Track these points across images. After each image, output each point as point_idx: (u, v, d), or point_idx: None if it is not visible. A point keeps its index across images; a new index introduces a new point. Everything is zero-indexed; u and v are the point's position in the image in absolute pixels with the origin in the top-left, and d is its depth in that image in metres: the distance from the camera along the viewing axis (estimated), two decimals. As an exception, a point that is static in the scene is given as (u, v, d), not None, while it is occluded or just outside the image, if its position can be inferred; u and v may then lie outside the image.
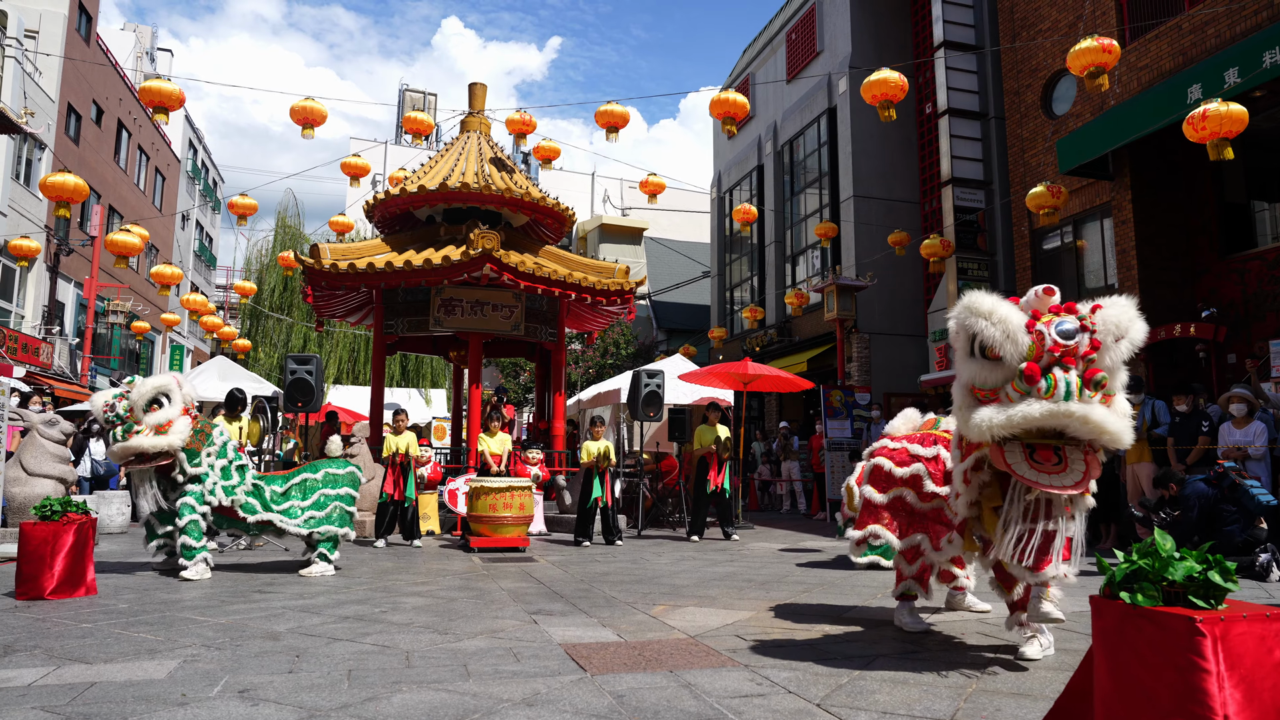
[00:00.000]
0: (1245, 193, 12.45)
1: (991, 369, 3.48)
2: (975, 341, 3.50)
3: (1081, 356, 3.42)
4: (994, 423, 3.42)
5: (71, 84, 22.44)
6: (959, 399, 3.67)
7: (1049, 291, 3.54)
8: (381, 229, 13.31)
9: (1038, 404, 3.36)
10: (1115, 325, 3.47)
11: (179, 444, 6.67)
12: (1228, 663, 2.18)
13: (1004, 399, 3.46)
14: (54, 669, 3.74)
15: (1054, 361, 3.40)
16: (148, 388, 6.66)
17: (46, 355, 20.13)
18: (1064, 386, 3.36)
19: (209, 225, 39.95)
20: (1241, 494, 7.22)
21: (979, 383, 3.54)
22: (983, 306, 3.47)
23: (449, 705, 3.22)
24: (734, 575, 7.10)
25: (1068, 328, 3.41)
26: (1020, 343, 3.39)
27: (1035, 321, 3.45)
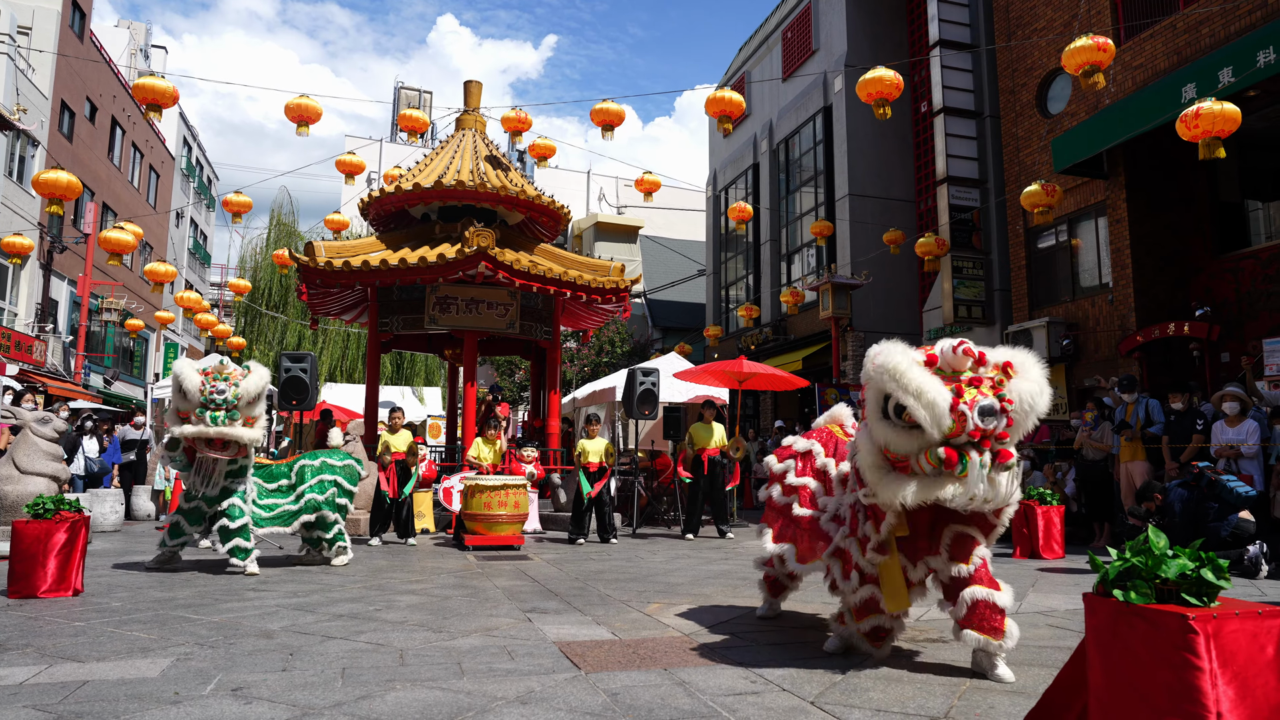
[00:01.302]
0: (1239, 192, 12.48)
1: (906, 438, 3.48)
2: (890, 403, 3.51)
3: (996, 438, 3.47)
4: (907, 496, 3.48)
5: (65, 81, 22.35)
6: (868, 456, 3.67)
7: (967, 353, 3.53)
8: (377, 227, 13.29)
9: (951, 485, 3.43)
10: (1029, 403, 3.52)
11: (261, 439, 6.84)
12: (1221, 660, 2.19)
13: (915, 467, 3.48)
14: (46, 667, 3.73)
15: (971, 443, 3.43)
16: (261, 382, 6.78)
17: (40, 353, 20.06)
18: (977, 470, 3.42)
19: (203, 223, 39.83)
20: (1220, 489, 7.29)
21: (893, 448, 3.54)
22: (910, 382, 3.43)
23: (443, 703, 3.22)
24: (729, 573, 7.10)
25: (988, 406, 3.42)
26: (944, 425, 3.40)
27: (958, 399, 3.43)
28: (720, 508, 10.77)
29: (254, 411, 6.76)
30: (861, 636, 3.98)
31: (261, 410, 6.87)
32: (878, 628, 3.96)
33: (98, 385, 24.14)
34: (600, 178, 40.90)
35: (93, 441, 12.95)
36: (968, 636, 3.70)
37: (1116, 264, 12.79)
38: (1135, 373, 11.83)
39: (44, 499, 5.94)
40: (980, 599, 3.71)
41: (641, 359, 22.16)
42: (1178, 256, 12.62)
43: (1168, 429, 9.21)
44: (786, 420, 18.33)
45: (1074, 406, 12.89)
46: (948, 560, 3.84)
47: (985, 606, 3.70)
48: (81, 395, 19.38)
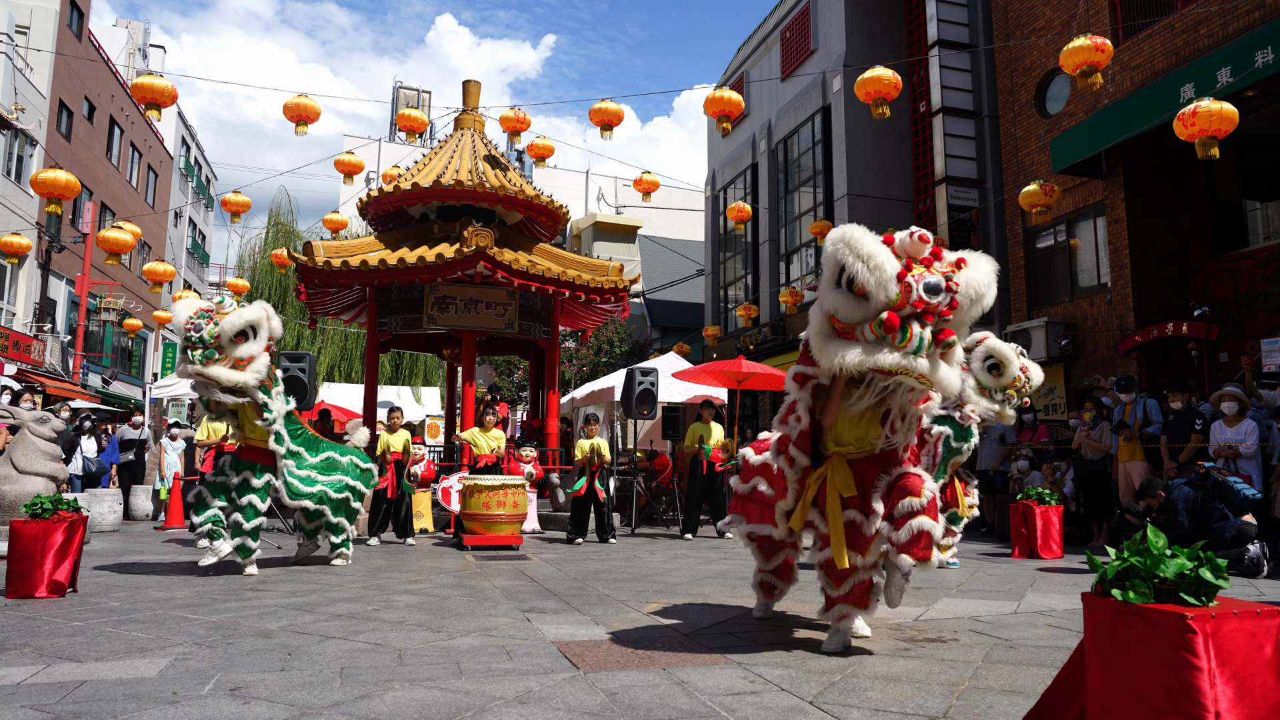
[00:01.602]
0: (1237, 192, 12.50)
1: (855, 306, 3.59)
2: (844, 275, 3.59)
3: (939, 314, 3.56)
4: (847, 361, 3.58)
5: (63, 80, 22.33)
6: (816, 324, 3.78)
7: (923, 239, 3.62)
8: (375, 226, 13.28)
9: (889, 354, 3.52)
10: (975, 289, 3.64)
11: (253, 382, 6.44)
12: (1219, 660, 2.19)
13: (860, 337, 3.59)
14: (44, 667, 3.72)
15: (914, 315, 3.53)
16: (240, 319, 6.35)
17: (38, 353, 20.04)
18: (917, 341, 3.52)
19: (202, 223, 39.81)
20: (1227, 490, 7.27)
21: (840, 315, 3.65)
22: (862, 247, 3.54)
23: (441, 703, 3.22)
24: (727, 573, 7.10)
25: (933, 283, 3.53)
26: (889, 290, 3.50)
27: (906, 272, 3.54)
28: (719, 508, 10.77)
29: (239, 351, 6.32)
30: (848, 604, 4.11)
31: (252, 350, 6.42)
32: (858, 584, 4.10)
33: (96, 385, 24.11)
34: (599, 178, 40.89)
35: (91, 441, 12.95)
36: (902, 561, 3.88)
37: (1115, 264, 12.80)
38: (1134, 373, 11.84)
39: (42, 499, 5.93)
40: (925, 530, 3.85)
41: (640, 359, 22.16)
42: (1176, 256, 12.63)
43: (1166, 429, 9.21)
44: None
45: (1072, 406, 12.90)
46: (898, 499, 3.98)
47: (927, 537, 3.86)
48: (80, 395, 19.36)
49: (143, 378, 29.15)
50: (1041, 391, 14.09)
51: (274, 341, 6.77)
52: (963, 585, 6.55)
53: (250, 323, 6.40)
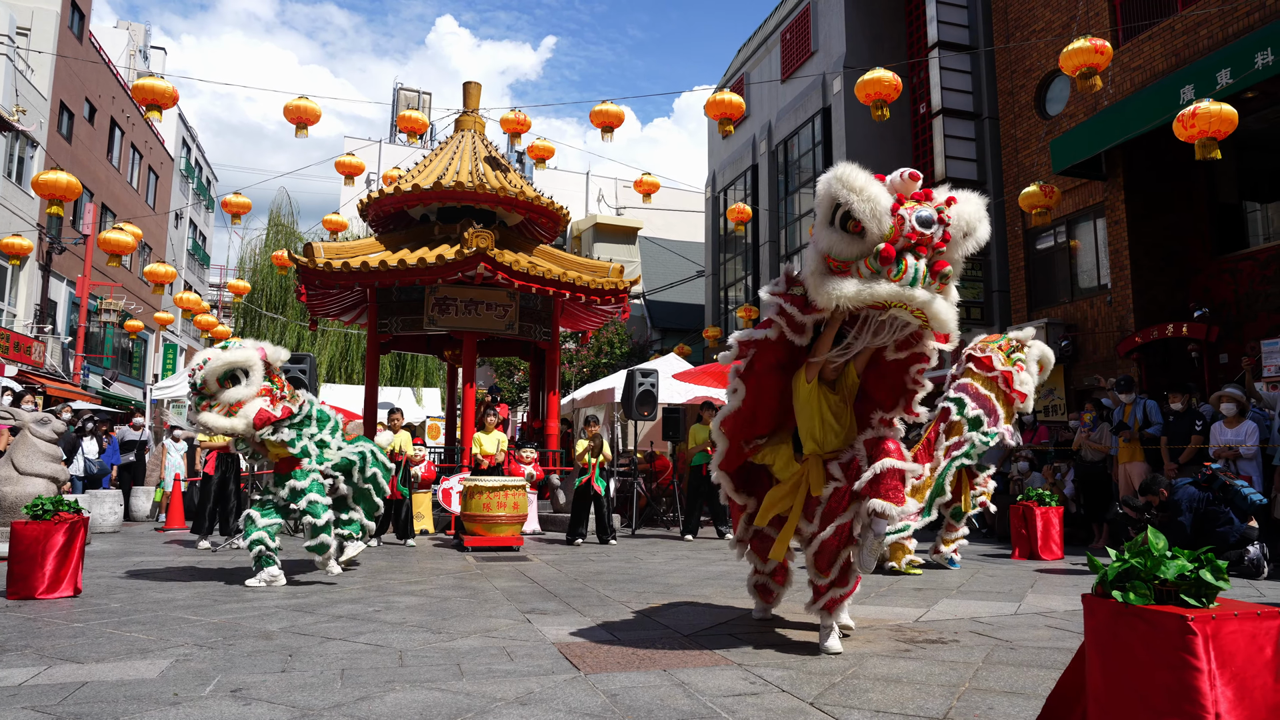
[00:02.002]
0: (1237, 193, 12.50)
1: (850, 242, 3.60)
2: (839, 212, 3.60)
3: (933, 247, 3.59)
4: (845, 294, 3.58)
5: (64, 82, 22.34)
6: (812, 263, 3.79)
7: (914, 177, 3.66)
8: (376, 228, 13.29)
9: (886, 285, 3.54)
10: (966, 222, 3.67)
11: (242, 428, 6.13)
12: (1219, 661, 2.19)
13: (855, 273, 3.61)
14: (45, 669, 3.73)
15: (908, 247, 3.56)
16: (220, 363, 6.12)
17: (38, 354, 20.04)
18: (913, 272, 3.54)
19: (202, 224, 39.82)
20: (1234, 494, 7.22)
21: (835, 253, 3.65)
22: (855, 181, 3.55)
23: (442, 704, 3.22)
24: (728, 574, 7.10)
25: (925, 215, 3.56)
26: (883, 223, 3.52)
27: (899, 205, 3.58)
28: (719, 509, 10.77)
29: (226, 397, 6.09)
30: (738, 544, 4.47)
31: (242, 394, 6.13)
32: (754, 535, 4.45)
33: (97, 386, 24.11)
34: (599, 179, 40.90)
35: (92, 443, 12.96)
36: (872, 504, 3.95)
37: (1115, 265, 12.80)
38: (1134, 374, 11.84)
39: (43, 500, 5.94)
40: (890, 468, 3.97)
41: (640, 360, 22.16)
42: (1176, 257, 12.63)
43: (1166, 430, 9.21)
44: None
45: (1072, 408, 12.90)
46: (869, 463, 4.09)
47: (891, 474, 3.97)
48: (80, 396, 19.36)
49: (143, 379, 29.16)
50: (1042, 392, 14.09)
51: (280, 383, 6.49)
52: (963, 586, 6.55)
53: (232, 364, 6.15)
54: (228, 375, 6.16)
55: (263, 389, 6.27)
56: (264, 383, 6.30)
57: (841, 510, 4.10)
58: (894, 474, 3.97)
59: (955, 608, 5.51)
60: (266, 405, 6.23)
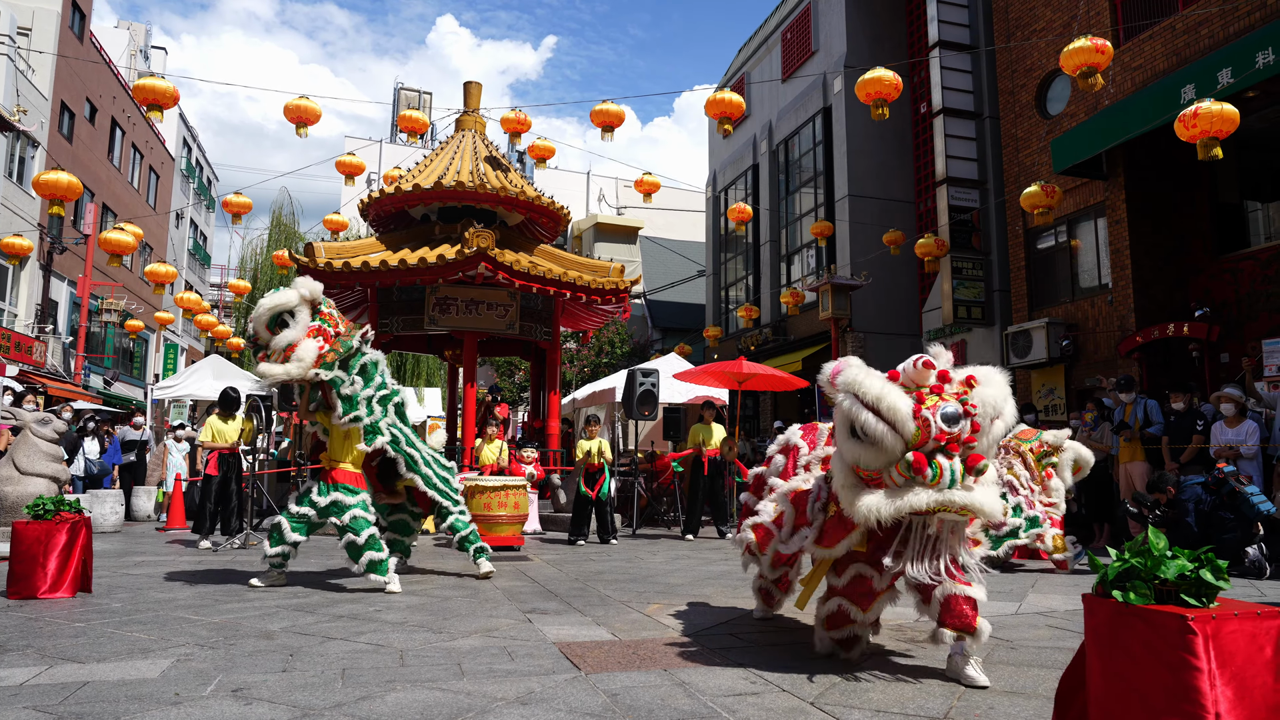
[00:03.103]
0: (1238, 193, 12.49)
1: (875, 453, 3.45)
2: (859, 424, 3.49)
3: (964, 442, 3.45)
4: (882, 513, 3.41)
5: (65, 81, 22.35)
6: (841, 477, 3.63)
7: (928, 365, 3.53)
8: (376, 228, 13.30)
9: (925, 493, 3.38)
10: (993, 407, 3.52)
11: (297, 373, 5.83)
12: (1219, 661, 2.19)
13: (888, 482, 3.45)
14: (46, 668, 3.73)
15: (938, 448, 3.42)
16: (264, 310, 5.90)
17: (40, 354, 20.06)
18: (949, 475, 3.38)
19: (203, 224, 39.84)
20: (1241, 501, 7.17)
21: (863, 464, 3.51)
22: (869, 393, 3.44)
23: (443, 704, 3.22)
24: (728, 574, 7.10)
25: (950, 413, 3.42)
26: (907, 432, 3.40)
27: (920, 405, 3.44)
28: (720, 508, 10.78)
29: (277, 342, 5.84)
30: (834, 644, 4.04)
31: (292, 337, 5.86)
32: (851, 637, 4.03)
33: (97, 386, 24.13)
34: (600, 178, 40.91)
35: (94, 442, 12.97)
36: (943, 634, 3.72)
37: (1116, 265, 12.80)
38: (1135, 373, 11.83)
39: (44, 500, 5.94)
40: (951, 594, 3.72)
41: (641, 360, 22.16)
42: (1177, 257, 12.63)
43: (1168, 429, 9.21)
44: (786, 422, 18.35)
45: (1073, 407, 12.90)
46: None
47: (956, 601, 3.71)
48: (81, 396, 19.37)
49: (144, 379, 29.18)
50: (1042, 391, 14.10)
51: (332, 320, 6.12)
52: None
53: (277, 307, 5.92)
54: (276, 321, 5.93)
55: (311, 328, 5.98)
56: (313, 322, 6.00)
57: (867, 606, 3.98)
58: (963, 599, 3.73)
59: (956, 607, 5.50)
60: (320, 345, 5.95)
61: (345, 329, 6.23)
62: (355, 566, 6.06)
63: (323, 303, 6.16)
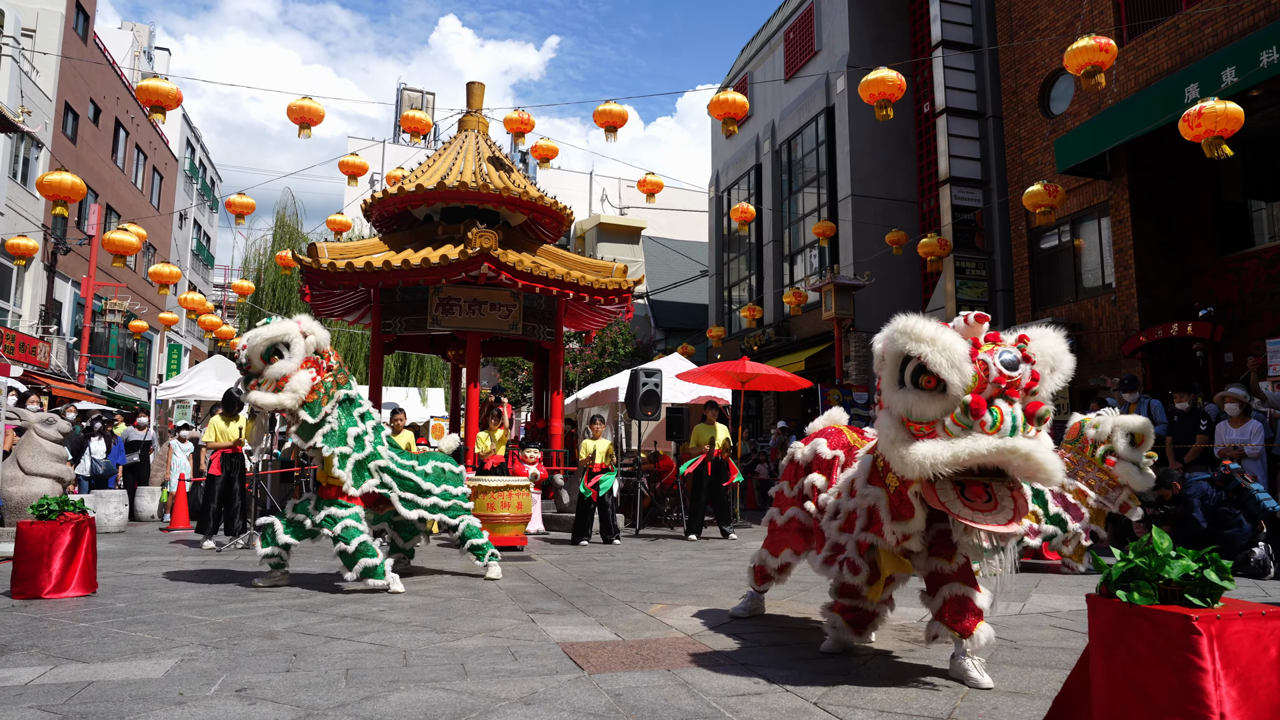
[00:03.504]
0: (1242, 192, 12.47)
1: (929, 400, 3.21)
2: (908, 368, 3.26)
3: (1025, 389, 3.27)
4: (938, 459, 3.14)
5: (69, 83, 22.40)
6: (890, 432, 3.34)
7: (981, 319, 3.35)
8: (379, 228, 13.30)
9: (985, 439, 3.15)
10: (1052, 357, 3.37)
11: (290, 403, 5.87)
12: (1224, 661, 2.18)
13: (942, 433, 3.20)
14: (51, 668, 3.74)
15: (998, 393, 3.22)
16: (260, 339, 5.93)
17: (44, 354, 20.10)
18: (1010, 421, 3.18)
19: (206, 224, 39.92)
20: (1247, 498, 7.17)
21: (914, 415, 3.25)
22: (925, 331, 3.20)
23: (446, 704, 3.22)
24: (731, 574, 7.10)
25: (1010, 358, 3.25)
26: (965, 372, 3.17)
27: (977, 350, 3.25)
28: (723, 508, 10.77)
29: (271, 372, 5.87)
30: (841, 620, 4.04)
31: (285, 368, 5.88)
32: (859, 612, 4.02)
33: (101, 387, 24.18)
34: (602, 179, 40.92)
35: (100, 442, 13.01)
36: (938, 628, 3.69)
37: (1119, 264, 12.78)
38: (1138, 373, 11.81)
39: (49, 500, 5.95)
40: (956, 594, 3.67)
41: (644, 360, 22.17)
42: (1181, 257, 12.60)
43: (1172, 429, 9.20)
44: (789, 421, 18.33)
45: (1076, 407, 12.87)
46: (929, 556, 3.76)
47: (960, 602, 3.65)
48: (85, 397, 19.42)
49: (148, 379, 29.23)
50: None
51: (324, 354, 6.17)
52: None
53: (274, 339, 5.94)
54: (271, 350, 5.96)
55: (306, 360, 6.02)
56: (307, 355, 6.04)
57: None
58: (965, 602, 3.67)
59: (959, 607, 5.49)
60: (313, 376, 5.99)
61: (336, 364, 6.29)
62: (349, 575, 6.08)
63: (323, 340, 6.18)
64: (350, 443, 6.20)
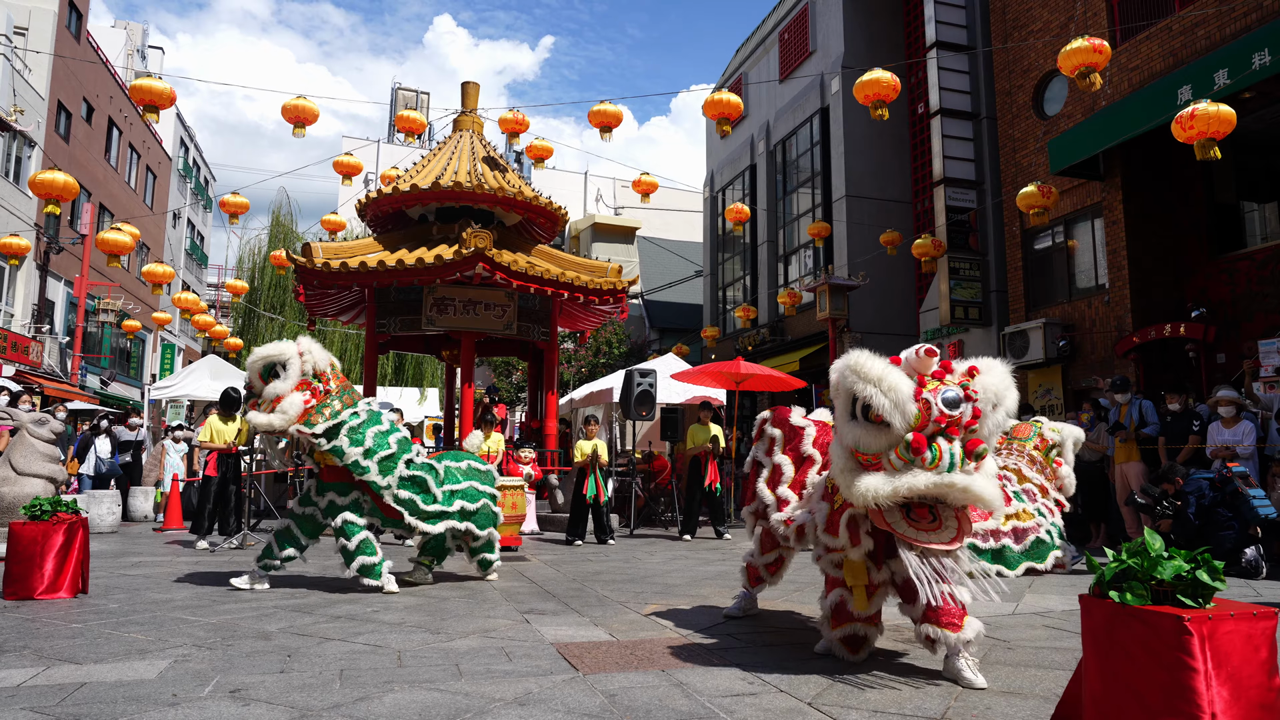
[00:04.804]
0: (1235, 193, 12.51)
1: (875, 434, 3.48)
2: (858, 404, 3.51)
3: (964, 426, 3.47)
4: (880, 493, 3.42)
5: (62, 81, 22.32)
6: (840, 460, 3.64)
7: (930, 354, 3.55)
8: (374, 228, 13.29)
9: (924, 475, 3.40)
10: (994, 394, 3.55)
11: (280, 424, 5.84)
12: (1215, 661, 2.20)
13: (887, 465, 3.47)
14: (44, 669, 3.73)
15: (938, 431, 3.44)
16: (257, 359, 5.98)
17: (36, 354, 20.03)
18: (948, 458, 3.41)
19: (200, 224, 39.80)
20: (1241, 502, 7.20)
21: (862, 447, 3.53)
22: (871, 372, 3.47)
23: (441, 705, 3.22)
24: (726, 574, 7.11)
25: (952, 397, 3.45)
26: (908, 412, 3.42)
27: (921, 389, 3.47)
28: (717, 509, 10.78)
29: (268, 392, 5.89)
30: (839, 644, 4.00)
31: (280, 389, 5.88)
32: (852, 635, 3.97)
33: (94, 386, 24.09)
34: (597, 179, 40.92)
35: (105, 442, 13.00)
36: (927, 630, 3.72)
37: (1113, 265, 12.82)
38: (1131, 374, 11.85)
39: (41, 501, 5.93)
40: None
41: (639, 360, 22.16)
42: (1174, 258, 12.65)
43: (1164, 430, 9.23)
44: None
45: (1070, 407, 12.92)
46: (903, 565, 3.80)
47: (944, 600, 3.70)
48: (78, 396, 19.35)
49: (141, 379, 29.14)
50: (1039, 392, 14.12)
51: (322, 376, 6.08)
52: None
53: (269, 359, 5.97)
54: (269, 371, 5.99)
55: (301, 382, 5.99)
56: (303, 376, 6.00)
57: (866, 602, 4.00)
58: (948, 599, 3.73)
59: (953, 608, 5.51)
60: (306, 399, 5.96)
61: (337, 387, 6.21)
62: (347, 571, 6.11)
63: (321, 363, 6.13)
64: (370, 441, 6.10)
